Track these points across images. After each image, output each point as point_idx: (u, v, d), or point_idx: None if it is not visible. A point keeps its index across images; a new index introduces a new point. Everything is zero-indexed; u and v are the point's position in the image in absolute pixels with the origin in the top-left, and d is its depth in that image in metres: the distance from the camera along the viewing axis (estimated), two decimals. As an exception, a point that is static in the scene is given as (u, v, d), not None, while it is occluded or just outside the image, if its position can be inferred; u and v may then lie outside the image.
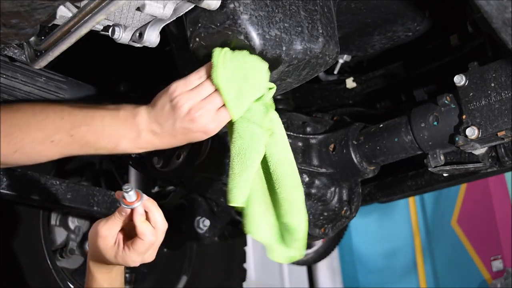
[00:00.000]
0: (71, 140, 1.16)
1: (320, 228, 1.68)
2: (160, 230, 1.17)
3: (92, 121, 1.17)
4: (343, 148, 1.59)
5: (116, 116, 1.18)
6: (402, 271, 4.81)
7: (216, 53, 1.12)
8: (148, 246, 1.16)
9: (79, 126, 1.16)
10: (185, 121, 1.15)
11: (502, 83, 1.33)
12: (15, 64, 1.32)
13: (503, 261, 4.04)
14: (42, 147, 1.16)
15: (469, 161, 1.48)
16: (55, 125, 1.16)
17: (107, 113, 1.19)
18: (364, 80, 1.92)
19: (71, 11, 1.10)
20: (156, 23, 1.14)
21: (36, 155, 1.18)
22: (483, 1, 1.04)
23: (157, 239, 1.17)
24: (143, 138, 1.18)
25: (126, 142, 1.18)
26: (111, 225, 1.17)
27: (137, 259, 1.18)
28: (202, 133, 1.17)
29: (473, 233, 4.29)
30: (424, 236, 4.72)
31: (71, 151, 1.19)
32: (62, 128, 1.16)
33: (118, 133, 1.17)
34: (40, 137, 1.15)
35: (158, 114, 1.17)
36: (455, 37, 1.71)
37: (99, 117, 1.17)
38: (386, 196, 2.07)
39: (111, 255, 1.18)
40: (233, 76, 1.12)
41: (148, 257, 1.19)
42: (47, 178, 1.67)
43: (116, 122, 1.17)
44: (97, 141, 1.17)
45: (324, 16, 1.23)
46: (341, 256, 5.23)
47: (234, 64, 1.12)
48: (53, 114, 1.16)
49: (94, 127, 1.16)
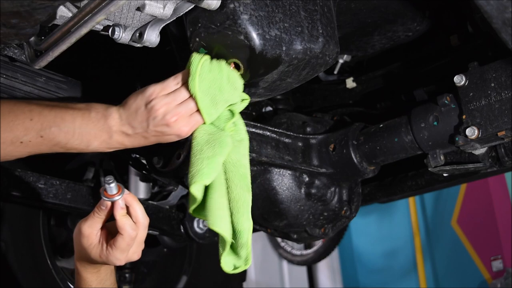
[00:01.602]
0: (41, 140, 1.17)
1: (320, 228, 1.69)
2: (141, 225, 1.17)
3: (62, 122, 1.17)
4: (343, 148, 1.59)
5: (87, 117, 1.19)
6: (402, 271, 4.81)
7: (194, 61, 1.15)
8: (129, 241, 1.16)
9: (49, 127, 1.16)
10: (159, 125, 1.18)
11: (502, 83, 1.33)
12: (15, 64, 1.32)
13: (503, 261, 4.04)
14: (11, 148, 1.16)
15: (469, 161, 1.48)
16: (25, 127, 1.15)
17: (78, 113, 1.19)
18: (364, 80, 1.92)
19: (71, 11, 1.10)
20: (156, 23, 1.14)
21: (5, 155, 1.18)
22: (483, 1, 1.04)
23: (138, 234, 1.17)
24: (114, 139, 1.20)
25: (97, 142, 1.20)
26: (91, 222, 1.18)
27: (121, 256, 1.18)
28: (175, 136, 1.20)
29: (473, 233, 4.30)
30: (424, 236, 4.72)
31: (40, 150, 1.20)
32: (31, 130, 1.16)
33: (90, 134, 1.19)
34: (9, 138, 1.15)
35: (132, 116, 1.19)
36: (455, 37, 1.71)
37: (70, 118, 1.18)
38: (386, 196, 2.07)
39: (96, 254, 1.19)
40: (208, 87, 1.15)
41: (132, 255, 1.19)
42: (47, 178, 1.66)
43: (87, 124, 1.18)
44: (68, 142, 1.18)
45: (324, 16, 1.23)
46: (341, 256, 5.24)
47: (210, 76, 1.15)
48: (22, 115, 1.16)
49: (65, 129, 1.17)
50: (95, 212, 1.18)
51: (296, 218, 1.64)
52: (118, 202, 1.15)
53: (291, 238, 1.73)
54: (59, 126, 1.17)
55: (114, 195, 1.14)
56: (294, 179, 1.62)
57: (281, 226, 1.68)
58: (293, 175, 1.62)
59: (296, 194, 1.62)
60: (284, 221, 1.65)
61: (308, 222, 1.66)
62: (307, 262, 4.79)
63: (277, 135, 1.63)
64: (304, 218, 1.64)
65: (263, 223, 1.73)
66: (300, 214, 1.63)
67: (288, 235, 1.73)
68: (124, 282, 2.19)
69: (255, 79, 1.21)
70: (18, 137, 1.15)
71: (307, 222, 1.65)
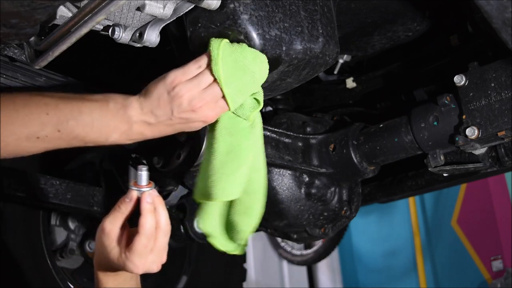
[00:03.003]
0: (58, 135, 1.11)
1: (320, 228, 1.68)
2: (162, 230, 1.13)
3: (80, 115, 1.11)
4: (343, 148, 1.59)
5: (106, 109, 1.13)
6: (402, 271, 4.81)
7: (214, 45, 1.11)
8: (146, 242, 1.10)
9: (67, 120, 1.11)
10: (186, 112, 1.12)
11: (502, 83, 1.33)
12: (15, 64, 1.32)
13: (503, 261, 4.04)
14: (27, 144, 1.11)
15: (469, 161, 1.48)
16: (41, 121, 1.10)
17: (95, 105, 1.13)
18: (364, 80, 1.92)
19: (71, 11, 1.10)
20: (156, 23, 1.14)
21: (21, 151, 1.13)
22: (483, 1, 1.04)
23: (158, 238, 1.12)
24: (135, 129, 1.15)
25: (117, 134, 1.14)
26: (112, 218, 1.12)
27: (138, 262, 1.12)
28: (202, 123, 1.15)
29: (473, 233, 4.29)
30: (424, 236, 4.72)
31: (58, 145, 1.14)
32: (48, 124, 1.10)
33: (109, 126, 1.13)
34: (25, 134, 1.09)
35: (154, 104, 1.13)
36: (455, 37, 1.70)
37: (87, 110, 1.12)
38: (386, 196, 2.07)
39: (114, 256, 1.13)
40: (232, 70, 1.10)
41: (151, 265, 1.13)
42: (47, 178, 1.66)
43: (106, 115, 1.13)
44: (87, 135, 1.13)
45: (324, 16, 1.23)
46: (341, 256, 5.24)
47: (233, 58, 1.11)
48: (37, 109, 1.10)
49: (82, 121, 1.11)
50: (118, 205, 1.13)
51: (296, 218, 1.64)
52: (146, 195, 1.09)
53: (291, 238, 1.73)
54: (77, 119, 1.11)
55: (144, 186, 1.09)
56: (294, 179, 1.62)
57: (281, 226, 1.68)
58: (293, 175, 1.62)
59: (296, 194, 1.62)
60: (284, 221, 1.65)
61: (308, 222, 1.66)
62: (307, 262, 4.79)
63: (277, 135, 1.62)
64: (304, 218, 1.64)
65: (263, 223, 1.72)
66: (300, 214, 1.63)
67: (288, 235, 1.73)
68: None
69: (255, 79, 1.20)
70: (34, 132, 1.10)
71: (307, 222, 1.65)
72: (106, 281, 1.20)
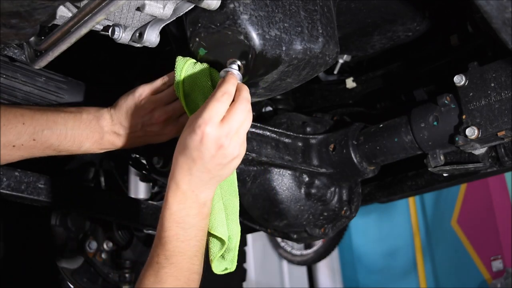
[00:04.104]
0: (33, 143, 1.18)
1: (320, 228, 1.68)
2: (242, 101, 1.07)
3: (54, 125, 1.19)
4: (343, 148, 1.59)
5: (79, 119, 1.21)
6: (402, 271, 4.81)
7: (179, 64, 1.18)
8: (216, 104, 1.04)
9: (42, 130, 1.18)
10: (151, 125, 1.23)
11: (502, 83, 1.33)
12: (15, 64, 1.32)
13: (503, 261, 4.04)
14: (4, 152, 1.17)
15: (469, 161, 1.48)
16: (17, 130, 1.16)
17: (69, 116, 1.21)
18: (364, 80, 1.92)
19: (71, 11, 1.10)
20: (156, 23, 1.14)
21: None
22: (483, 1, 1.04)
23: (235, 109, 1.06)
24: (106, 139, 1.23)
25: (89, 143, 1.22)
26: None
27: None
28: (166, 136, 1.26)
29: (473, 233, 4.30)
30: (424, 236, 4.73)
31: (32, 154, 1.21)
32: (24, 133, 1.17)
33: (81, 136, 1.21)
34: (1, 142, 1.16)
35: (123, 116, 1.22)
36: (455, 37, 1.70)
37: (62, 121, 1.20)
38: (386, 196, 2.07)
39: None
40: (192, 89, 1.17)
41: (215, 138, 1.05)
42: (47, 178, 1.66)
43: (79, 125, 1.21)
44: (60, 143, 1.20)
45: (324, 16, 1.23)
46: (341, 256, 5.24)
47: (194, 78, 1.18)
48: (14, 119, 1.17)
49: (57, 131, 1.19)
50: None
51: (296, 218, 1.64)
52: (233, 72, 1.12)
53: (291, 238, 1.73)
54: (52, 129, 1.19)
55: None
56: (294, 179, 1.62)
57: (281, 226, 1.68)
58: (293, 175, 1.62)
59: (296, 194, 1.62)
60: (284, 221, 1.65)
61: (308, 222, 1.66)
62: (307, 262, 4.79)
63: (277, 135, 1.63)
64: (304, 218, 1.64)
65: (263, 223, 1.72)
66: (300, 214, 1.63)
67: (288, 235, 1.73)
68: (124, 282, 2.19)
69: (255, 79, 1.21)
70: (10, 141, 1.16)
71: (307, 222, 1.65)
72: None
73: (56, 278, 2.01)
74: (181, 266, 1.07)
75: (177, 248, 1.08)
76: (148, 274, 1.08)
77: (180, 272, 1.07)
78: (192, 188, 1.08)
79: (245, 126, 1.08)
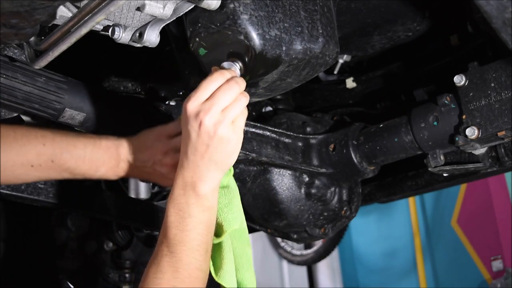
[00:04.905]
0: (51, 165, 1.21)
1: (320, 228, 1.68)
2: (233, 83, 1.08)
3: (74, 149, 1.23)
4: (343, 148, 1.59)
5: (98, 145, 1.25)
6: (402, 271, 4.81)
7: None
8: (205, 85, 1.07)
9: (61, 153, 1.21)
10: (159, 165, 1.26)
11: (502, 83, 1.33)
12: (15, 64, 1.31)
13: (503, 261, 4.04)
14: (21, 171, 1.20)
15: (469, 161, 1.48)
16: (37, 151, 1.20)
17: (89, 141, 1.25)
18: (364, 80, 1.92)
19: (71, 11, 1.10)
20: (156, 23, 1.14)
21: (14, 178, 1.22)
22: (483, 1, 1.04)
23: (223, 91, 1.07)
24: (121, 167, 1.27)
25: (105, 169, 1.25)
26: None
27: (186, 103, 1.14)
28: (169, 181, 1.25)
29: (473, 233, 4.30)
30: (424, 236, 4.73)
31: (49, 175, 1.24)
32: (43, 154, 1.20)
33: (99, 161, 1.24)
34: (20, 161, 1.19)
35: (139, 149, 1.26)
36: (455, 37, 1.70)
37: (81, 145, 1.23)
38: (386, 196, 2.07)
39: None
40: None
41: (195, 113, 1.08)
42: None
43: (98, 151, 1.24)
44: (77, 167, 1.23)
45: (324, 16, 1.23)
46: (341, 256, 5.24)
47: None
48: (35, 140, 1.20)
49: (76, 155, 1.23)
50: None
51: (296, 218, 1.64)
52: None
53: (291, 238, 1.73)
54: (71, 152, 1.22)
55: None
56: (294, 179, 1.62)
57: (281, 226, 1.68)
58: (293, 175, 1.62)
59: (296, 194, 1.62)
60: (284, 221, 1.65)
61: (308, 222, 1.66)
62: (307, 262, 4.79)
63: (277, 135, 1.63)
64: (304, 218, 1.64)
65: (263, 223, 1.72)
66: (300, 214, 1.63)
67: (288, 235, 1.73)
68: (124, 282, 2.19)
69: (255, 79, 1.21)
70: (29, 160, 1.19)
71: (307, 222, 1.65)
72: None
73: (56, 278, 2.01)
74: (181, 258, 1.07)
75: (176, 237, 1.08)
76: (151, 263, 1.10)
77: (179, 264, 1.06)
78: (191, 174, 1.10)
79: (235, 109, 1.08)
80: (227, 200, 1.20)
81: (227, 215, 1.18)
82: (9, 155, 1.18)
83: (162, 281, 1.06)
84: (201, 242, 1.09)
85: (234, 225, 1.18)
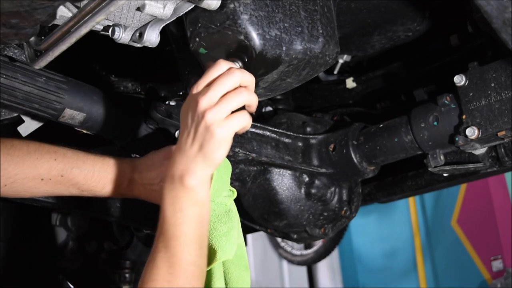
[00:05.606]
0: (60, 179, 1.25)
1: (320, 228, 1.68)
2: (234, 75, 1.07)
3: (83, 165, 1.26)
4: (343, 148, 1.59)
5: (107, 163, 1.29)
6: (402, 271, 4.82)
7: None
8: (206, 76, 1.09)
9: (71, 168, 1.25)
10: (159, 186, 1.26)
11: (502, 83, 1.33)
12: (15, 64, 1.31)
13: (503, 261, 4.04)
14: (32, 184, 1.23)
15: (469, 161, 1.48)
16: (48, 165, 1.23)
17: (98, 159, 1.29)
18: (364, 80, 1.92)
19: (71, 11, 1.10)
20: (156, 23, 1.14)
21: (24, 191, 1.24)
22: (483, 1, 1.04)
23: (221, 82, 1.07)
24: (125, 185, 1.29)
25: (111, 186, 1.28)
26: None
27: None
28: None
29: (473, 233, 4.30)
30: (424, 236, 4.73)
31: (57, 189, 1.27)
32: (54, 169, 1.24)
33: (106, 178, 1.28)
34: (32, 174, 1.22)
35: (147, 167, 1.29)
36: (455, 37, 1.71)
37: (91, 162, 1.28)
38: (386, 196, 2.07)
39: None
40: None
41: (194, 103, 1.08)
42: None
43: (106, 168, 1.28)
44: (86, 183, 1.27)
45: (324, 16, 1.23)
46: (341, 256, 5.24)
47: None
48: (47, 155, 1.24)
49: (85, 171, 1.26)
50: None
51: (296, 218, 1.64)
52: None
53: (291, 238, 1.73)
54: (80, 168, 1.26)
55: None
56: (294, 179, 1.62)
57: (281, 226, 1.68)
58: (293, 175, 1.62)
59: (296, 194, 1.62)
60: (284, 221, 1.65)
61: (308, 222, 1.66)
62: (307, 262, 4.79)
63: (277, 135, 1.63)
64: (304, 218, 1.64)
65: (263, 223, 1.73)
66: (300, 214, 1.63)
67: (288, 235, 1.73)
68: (124, 282, 2.19)
69: (255, 79, 1.21)
70: (40, 174, 1.23)
71: (307, 222, 1.65)
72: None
73: (56, 278, 2.01)
74: (174, 252, 1.07)
75: (169, 232, 1.08)
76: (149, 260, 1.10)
77: (174, 259, 1.06)
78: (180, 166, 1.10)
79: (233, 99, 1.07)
80: (227, 228, 1.20)
81: (225, 245, 1.17)
82: (21, 167, 1.21)
83: (158, 276, 1.06)
84: (193, 237, 1.08)
85: (229, 256, 1.17)
